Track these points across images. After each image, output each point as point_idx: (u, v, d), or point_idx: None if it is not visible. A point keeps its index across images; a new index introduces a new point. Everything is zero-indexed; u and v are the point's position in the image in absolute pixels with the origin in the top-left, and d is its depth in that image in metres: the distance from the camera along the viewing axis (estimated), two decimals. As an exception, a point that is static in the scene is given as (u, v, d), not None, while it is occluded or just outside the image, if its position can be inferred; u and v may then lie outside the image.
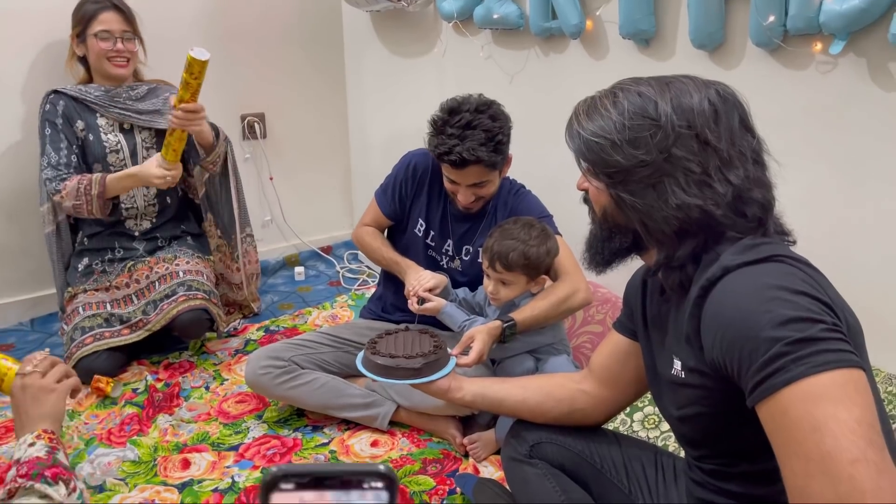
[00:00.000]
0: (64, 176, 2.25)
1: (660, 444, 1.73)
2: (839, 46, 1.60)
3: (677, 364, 1.04)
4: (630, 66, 2.05)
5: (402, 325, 1.68)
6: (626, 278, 1.31)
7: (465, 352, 1.66)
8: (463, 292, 1.99)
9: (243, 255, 2.60)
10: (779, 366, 0.83)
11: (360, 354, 1.51)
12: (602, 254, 1.11)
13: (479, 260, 1.96)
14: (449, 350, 1.53)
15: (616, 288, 2.16)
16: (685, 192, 0.97)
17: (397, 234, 2.11)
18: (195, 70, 2.04)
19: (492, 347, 1.75)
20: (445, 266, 2.04)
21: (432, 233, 2.04)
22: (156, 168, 2.20)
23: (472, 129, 1.78)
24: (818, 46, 1.66)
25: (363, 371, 1.47)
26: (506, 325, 1.74)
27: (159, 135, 2.37)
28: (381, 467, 0.45)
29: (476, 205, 1.94)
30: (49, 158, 2.28)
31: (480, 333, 1.69)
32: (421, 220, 2.05)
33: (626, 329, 1.28)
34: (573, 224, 1.99)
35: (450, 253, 2.03)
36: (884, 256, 1.65)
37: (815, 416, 0.80)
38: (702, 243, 1.00)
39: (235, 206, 2.54)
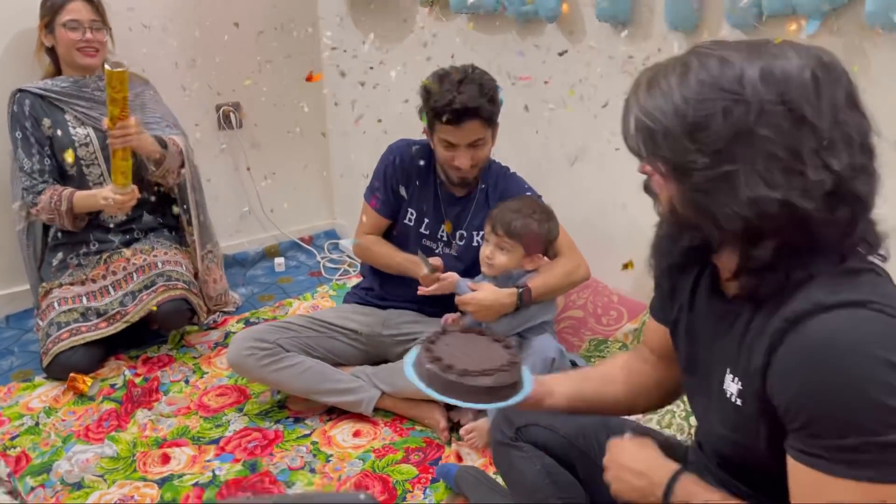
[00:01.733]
0: (39, 188, 2.25)
1: (667, 432, 1.69)
2: (814, 27, 1.60)
3: (734, 383, 0.94)
4: (606, 48, 2.05)
5: (444, 324, 1.79)
6: (596, 264, 1.28)
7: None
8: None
9: (205, 272, 2.50)
10: (852, 459, 0.78)
11: (411, 362, 1.15)
12: (672, 255, 0.97)
13: (474, 243, 2.00)
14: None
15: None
16: (765, 182, 0.81)
17: (389, 229, 2.10)
18: (115, 83, 1.99)
19: (500, 318, 1.85)
20: (440, 252, 2.04)
21: (426, 220, 2.04)
22: (106, 191, 2.16)
23: (468, 84, 1.83)
24: (793, 27, 1.66)
25: (428, 391, 1.10)
26: (520, 290, 1.84)
27: None
28: (362, 496, 0.43)
29: (472, 172, 1.94)
30: (23, 164, 2.27)
31: (490, 289, 1.84)
32: (411, 210, 2.04)
33: (666, 319, 1.14)
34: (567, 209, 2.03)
35: (444, 238, 2.04)
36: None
37: None
38: (786, 246, 0.85)
39: (195, 222, 2.47)
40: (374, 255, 2.09)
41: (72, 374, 2.11)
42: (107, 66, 1.96)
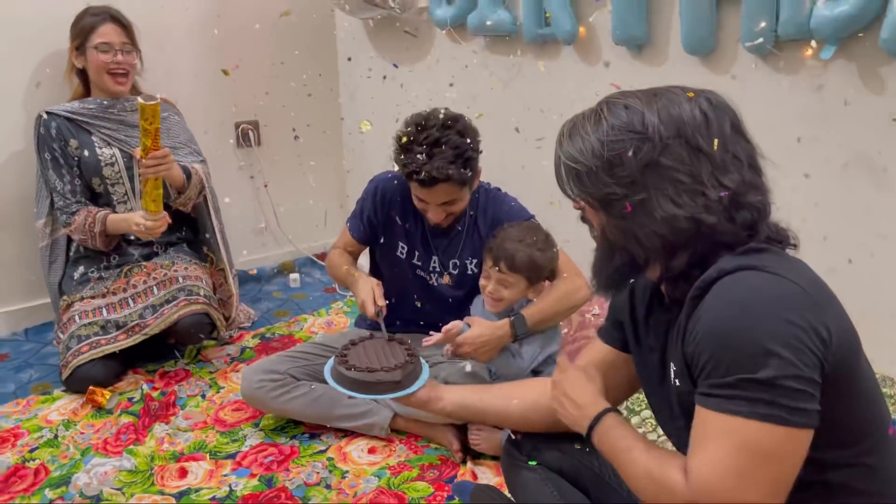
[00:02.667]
0: (73, 209, 2.31)
1: (669, 447, 1.72)
2: (830, 52, 1.62)
3: (672, 370, 1.04)
4: (623, 71, 2.07)
5: (367, 333, 1.61)
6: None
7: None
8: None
9: (228, 290, 2.59)
10: (729, 394, 0.88)
11: (328, 367, 1.42)
12: (606, 273, 1.09)
13: (469, 272, 1.96)
14: (422, 359, 1.49)
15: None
16: (674, 202, 0.96)
17: (382, 262, 2.08)
18: (148, 115, 2.05)
19: (499, 353, 1.79)
20: (435, 284, 2.01)
21: (417, 252, 2.01)
22: (138, 217, 2.21)
23: (441, 147, 1.72)
24: (809, 52, 1.68)
25: (336, 387, 1.40)
26: (513, 318, 1.77)
27: None
28: None
29: (447, 220, 1.91)
30: (55, 185, 2.34)
31: (481, 323, 1.76)
32: (402, 244, 2.01)
33: (611, 338, 1.27)
34: (573, 233, 2.02)
35: (437, 269, 2.00)
36: (874, 257, 1.66)
37: (734, 451, 0.88)
38: (697, 254, 0.99)
39: (221, 246, 2.57)
40: (332, 266, 2.06)
41: (91, 388, 2.13)
42: (140, 100, 2.01)
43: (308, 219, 3.27)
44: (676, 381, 1.02)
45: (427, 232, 1.98)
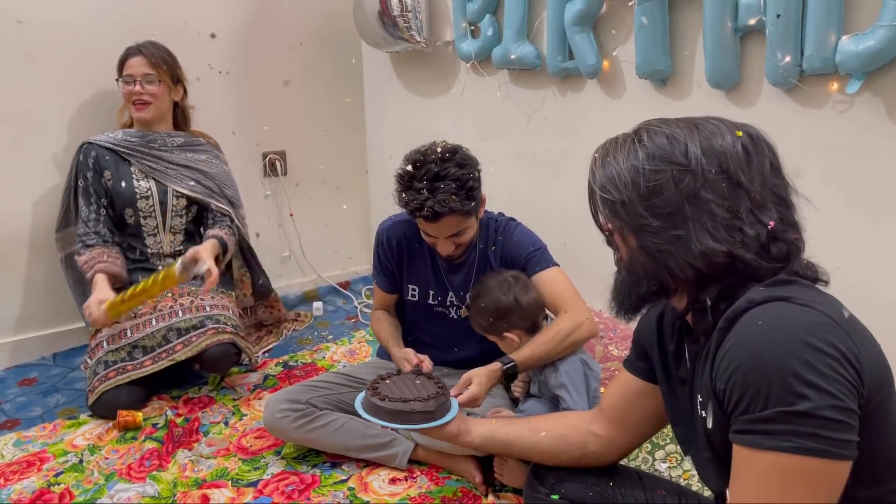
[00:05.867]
0: (89, 241, 2.38)
1: (682, 482, 1.70)
2: (856, 86, 1.62)
3: (700, 404, 1.03)
4: (647, 105, 2.08)
5: (395, 368, 1.65)
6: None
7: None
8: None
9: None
10: (769, 429, 0.86)
11: (360, 398, 1.45)
12: (630, 299, 1.08)
13: None
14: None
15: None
16: (711, 236, 0.95)
17: (403, 308, 2.13)
18: (167, 282, 2.10)
19: (490, 390, 1.77)
20: (456, 316, 2.02)
21: (431, 292, 2.04)
22: (93, 303, 2.19)
23: (441, 181, 1.74)
24: (835, 86, 1.68)
25: (367, 417, 1.41)
26: (506, 366, 1.76)
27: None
28: None
29: (458, 251, 1.93)
30: (81, 212, 2.41)
31: (479, 375, 1.72)
32: (412, 287, 2.05)
33: (637, 369, 1.27)
34: (599, 264, 2.01)
35: (455, 303, 2.02)
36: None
37: (777, 488, 0.86)
38: (727, 286, 0.98)
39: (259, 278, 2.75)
40: (376, 332, 2.14)
41: (121, 411, 2.16)
42: (177, 266, 2.07)
43: (332, 247, 3.31)
44: (702, 412, 1.01)
45: (440, 268, 2.01)
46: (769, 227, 0.96)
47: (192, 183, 2.48)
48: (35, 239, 2.64)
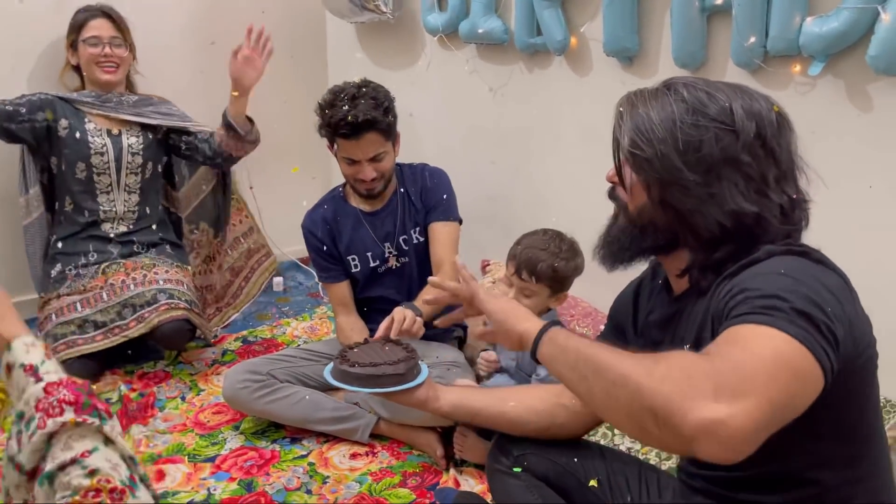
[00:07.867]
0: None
1: (642, 457, 1.73)
2: (818, 68, 1.64)
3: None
4: (614, 82, 2.08)
5: (362, 339, 1.61)
6: (605, 290, 1.32)
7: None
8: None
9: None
10: (767, 306, 0.83)
11: (329, 367, 1.45)
12: (628, 250, 1.07)
13: (416, 241, 2.04)
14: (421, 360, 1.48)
15: (595, 301, 2.17)
16: (744, 197, 0.96)
17: (354, 289, 2.12)
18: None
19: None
20: (398, 266, 2.08)
21: (368, 254, 2.07)
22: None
23: (361, 98, 1.88)
24: (797, 68, 1.70)
25: (337, 384, 1.39)
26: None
27: (146, 142, 2.41)
28: None
29: (378, 183, 1.98)
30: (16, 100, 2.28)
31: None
32: (352, 259, 2.08)
33: (613, 343, 1.27)
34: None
35: (394, 253, 2.07)
36: (863, 271, 1.68)
37: (759, 341, 0.80)
38: (740, 249, 0.98)
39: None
40: (340, 340, 2.08)
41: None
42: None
43: (293, 223, 3.24)
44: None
45: (366, 224, 2.06)
46: (792, 197, 0.98)
47: (160, 117, 2.43)
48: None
